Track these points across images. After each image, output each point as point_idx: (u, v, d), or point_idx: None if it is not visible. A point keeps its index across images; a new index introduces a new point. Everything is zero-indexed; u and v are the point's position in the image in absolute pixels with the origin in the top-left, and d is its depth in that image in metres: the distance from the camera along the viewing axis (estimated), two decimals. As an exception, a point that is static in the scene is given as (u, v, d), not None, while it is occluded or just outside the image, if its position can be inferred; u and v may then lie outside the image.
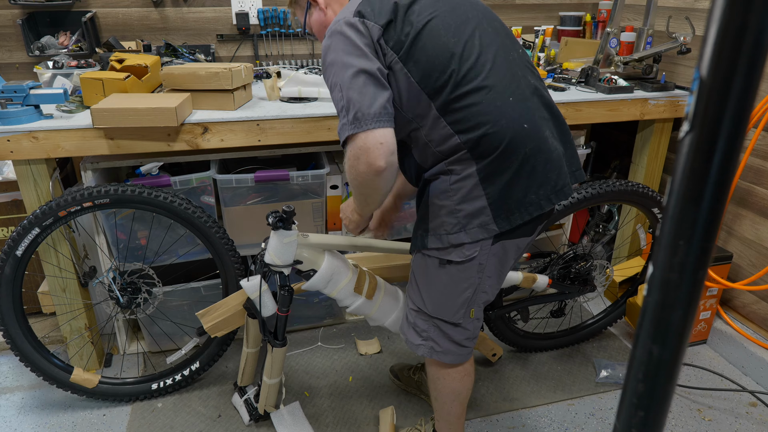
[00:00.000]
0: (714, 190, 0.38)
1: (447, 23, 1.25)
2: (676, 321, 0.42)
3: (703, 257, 0.40)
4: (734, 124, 0.36)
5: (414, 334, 1.48)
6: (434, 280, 1.38)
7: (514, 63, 1.31)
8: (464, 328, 1.43)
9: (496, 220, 1.27)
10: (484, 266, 1.35)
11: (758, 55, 0.35)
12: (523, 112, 1.26)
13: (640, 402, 0.46)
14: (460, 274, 1.34)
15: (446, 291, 1.38)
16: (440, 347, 1.45)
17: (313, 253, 1.61)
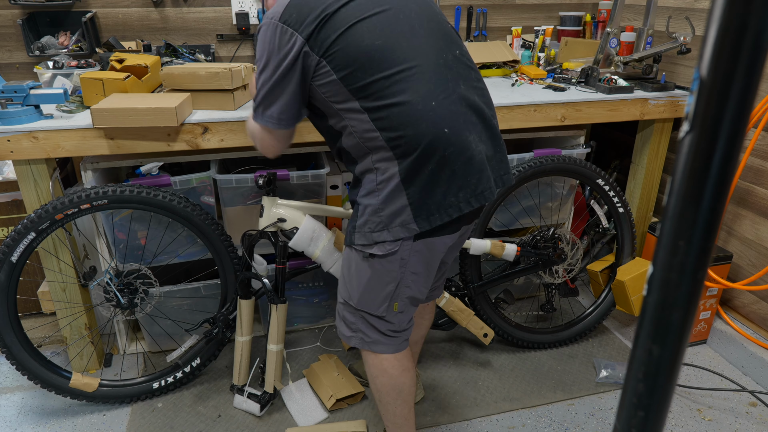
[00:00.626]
0: (714, 190, 0.38)
1: (373, 26, 1.27)
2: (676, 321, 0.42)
3: (703, 257, 0.40)
4: (734, 124, 0.36)
5: (344, 327, 1.52)
6: (359, 274, 1.42)
7: (446, 66, 1.32)
8: (388, 321, 1.46)
9: (417, 220, 1.32)
10: (407, 261, 1.38)
11: (758, 55, 0.35)
12: (446, 116, 1.28)
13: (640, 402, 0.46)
14: (383, 268, 1.38)
15: (369, 285, 1.41)
16: (369, 338, 1.49)
17: (294, 212, 1.82)
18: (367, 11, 1.28)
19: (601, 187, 2.23)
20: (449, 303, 2.06)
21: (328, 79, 1.29)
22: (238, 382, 1.97)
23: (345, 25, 1.26)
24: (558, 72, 2.48)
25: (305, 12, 1.27)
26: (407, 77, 1.26)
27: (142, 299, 1.97)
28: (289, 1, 1.30)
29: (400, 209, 1.31)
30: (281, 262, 1.85)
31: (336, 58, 1.27)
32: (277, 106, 1.35)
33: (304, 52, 1.27)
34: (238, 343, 1.94)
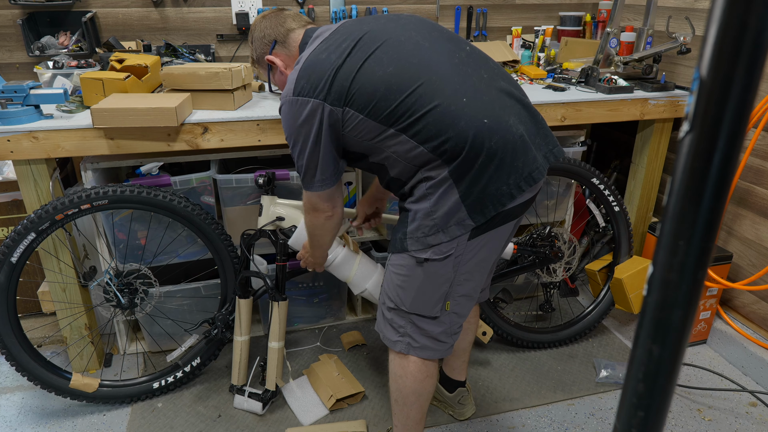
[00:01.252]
0: (714, 190, 0.38)
1: (380, 58, 1.31)
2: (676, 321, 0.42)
3: (703, 257, 0.40)
4: (734, 124, 0.36)
5: (391, 331, 1.51)
6: (413, 278, 1.42)
7: (462, 63, 1.36)
8: (441, 321, 1.47)
9: (471, 215, 1.33)
10: (461, 260, 1.39)
11: (758, 55, 0.35)
12: (481, 107, 1.30)
13: (640, 402, 0.46)
14: (438, 270, 1.39)
15: (424, 287, 1.42)
16: (417, 343, 1.49)
17: (293, 211, 1.86)
18: (370, 49, 1.32)
19: (596, 186, 2.23)
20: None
21: (357, 121, 1.33)
22: (238, 382, 1.97)
23: (355, 69, 1.31)
24: (558, 72, 2.48)
25: (315, 78, 1.32)
26: (429, 87, 1.29)
27: (142, 299, 1.97)
28: (297, 75, 1.34)
29: (454, 208, 1.32)
30: (281, 259, 1.87)
31: (357, 100, 1.31)
32: (319, 169, 1.39)
33: (328, 111, 1.31)
34: (237, 342, 1.95)
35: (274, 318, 1.88)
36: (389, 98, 1.30)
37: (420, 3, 2.83)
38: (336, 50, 1.33)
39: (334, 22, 2.72)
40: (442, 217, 1.33)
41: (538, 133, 1.40)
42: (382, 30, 1.37)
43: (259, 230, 1.86)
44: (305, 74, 1.33)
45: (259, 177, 1.87)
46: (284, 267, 1.89)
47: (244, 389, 1.96)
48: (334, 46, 1.34)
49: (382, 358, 2.24)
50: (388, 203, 2.22)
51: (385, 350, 2.30)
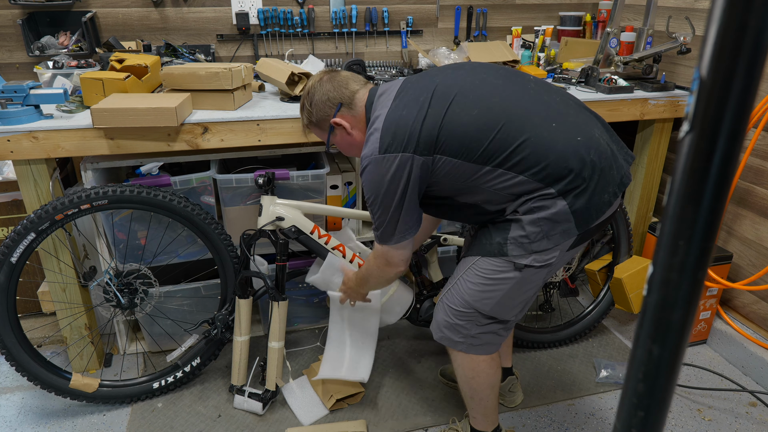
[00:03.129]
0: (714, 190, 0.38)
1: (462, 104, 1.36)
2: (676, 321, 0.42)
3: (703, 257, 0.40)
4: (734, 124, 0.36)
5: (454, 333, 1.55)
6: (502, 283, 1.44)
7: (537, 93, 1.42)
8: (511, 324, 1.55)
9: (578, 225, 1.38)
10: (553, 266, 1.44)
11: (758, 55, 0.35)
12: (571, 128, 1.37)
13: (640, 402, 0.46)
14: (532, 277, 1.43)
15: (512, 293, 1.45)
16: (479, 340, 1.54)
17: (292, 211, 1.87)
18: (449, 98, 1.37)
19: None
20: None
21: (450, 166, 1.37)
22: (238, 382, 1.97)
23: (440, 118, 1.35)
24: (558, 72, 2.48)
25: (400, 134, 1.36)
26: (517, 121, 1.35)
27: (142, 299, 1.97)
28: (380, 134, 1.38)
29: (563, 218, 1.36)
30: (281, 259, 1.87)
31: (448, 146, 1.35)
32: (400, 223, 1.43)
33: (419, 163, 1.36)
34: (237, 342, 1.95)
35: (274, 318, 1.88)
36: (480, 139, 1.34)
37: (420, 3, 2.83)
38: (414, 104, 1.38)
39: (334, 22, 2.72)
40: (550, 226, 1.36)
41: (612, 139, 1.47)
42: (453, 78, 1.43)
43: (258, 230, 1.87)
44: (389, 132, 1.37)
45: (259, 177, 1.88)
46: (284, 267, 1.89)
47: (244, 389, 1.96)
48: (412, 100, 1.39)
49: (382, 358, 2.24)
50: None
51: (384, 350, 2.29)
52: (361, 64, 2.12)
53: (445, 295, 1.55)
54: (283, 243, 1.86)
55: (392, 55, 2.87)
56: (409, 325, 2.42)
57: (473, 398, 1.64)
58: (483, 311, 1.48)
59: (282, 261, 1.88)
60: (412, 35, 2.86)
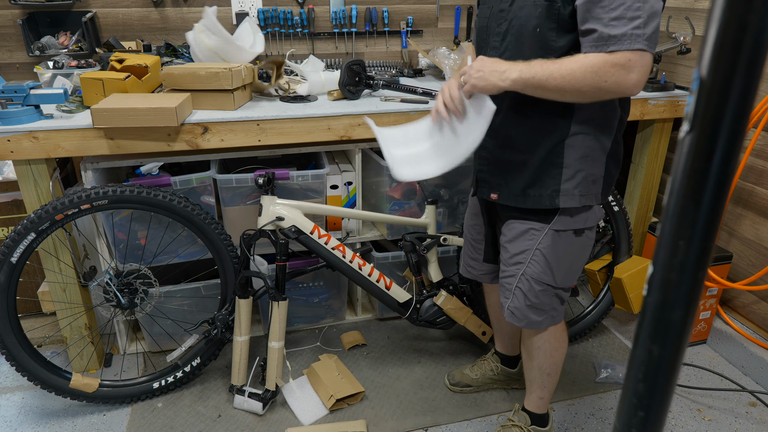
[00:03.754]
0: (714, 190, 0.38)
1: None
2: (676, 321, 0.42)
3: (703, 257, 0.40)
4: (734, 124, 0.36)
5: (534, 313, 1.57)
6: (567, 253, 1.50)
7: None
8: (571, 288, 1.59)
9: (603, 193, 1.46)
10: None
11: (758, 55, 0.35)
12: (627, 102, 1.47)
13: (640, 402, 0.46)
14: (588, 240, 1.51)
15: (576, 259, 1.53)
16: (557, 311, 1.59)
17: (292, 211, 1.87)
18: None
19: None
20: (447, 301, 2.06)
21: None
22: (238, 382, 1.97)
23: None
24: (558, 72, 2.48)
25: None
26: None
27: (142, 299, 1.97)
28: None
29: (598, 179, 1.43)
30: (281, 259, 1.87)
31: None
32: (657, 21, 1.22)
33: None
34: (237, 342, 1.95)
35: (274, 318, 1.88)
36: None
37: (420, 3, 2.83)
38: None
39: (334, 22, 2.72)
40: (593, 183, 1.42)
41: None
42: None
43: (259, 230, 1.86)
44: None
45: (259, 177, 1.88)
46: (284, 267, 1.89)
47: (244, 389, 1.96)
48: None
49: (382, 358, 2.24)
50: (388, 204, 2.23)
51: (384, 350, 2.30)
52: (361, 64, 2.12)
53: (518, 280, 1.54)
54: (283, 243, 1.86)
55: (392, 55, 2.87)
56: (409, 325, 2.42)
57: (550, 375, 1.69)
58: (554, 283, 1.53)
59: (282, 261, 1.88)
60: (412, 35, 2.86)
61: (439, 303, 2.06)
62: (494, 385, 2.07)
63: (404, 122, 2.05)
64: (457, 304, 2.08)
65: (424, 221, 2.12)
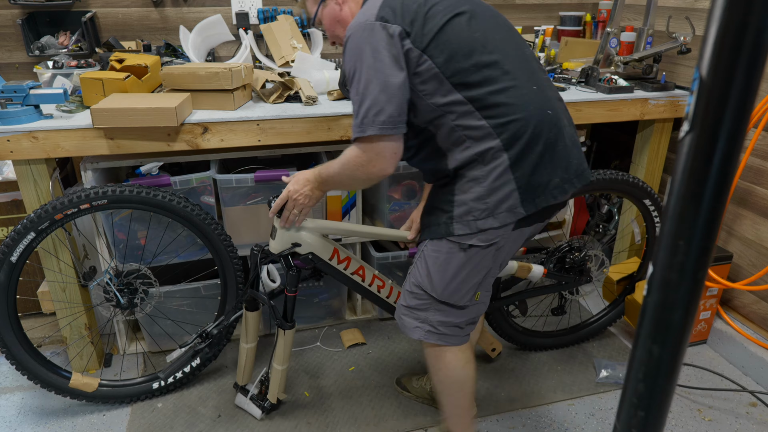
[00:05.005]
0: (714, 190, 0.38)
1: (467, 21, 1.32)
2: (676, 321, 0.42)
3: (703, 257, 0.40)
4: (734, 124, 0.36)
5: (411, 319, 1.51)
6: (450, 265, 1.41)
7: (530, 58, 1.41)
8: (469, 311, 1.48)
9: (524, 203, 1.33)
10: (501, 249, 1.41)
11: (758, 55, 0.35)
12: (545, 100, 1.35)
13: (640, 402, 0.46)
14: (479, 258, 1.39)
15: (461, 275, 1.41)
16: (439, 330, 1.49)
17: (310, 236, 1.68)
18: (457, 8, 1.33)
19: (646, 207, 2.15)
20: None
21: (430, 74, 1.30)
22: (242, 382, 1.97)
23: (443, 20, 1.30)
24: (558, 72, 2.48)
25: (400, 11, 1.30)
26: (508, 64, 1.32)
27: (142, 299, 1.97)
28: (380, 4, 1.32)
29: (508, 194, 1.32)
30: (291, 290, 1.73)
31: (437, 51, 1.28)
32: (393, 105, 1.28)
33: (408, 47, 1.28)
34: (243, 349, 1.91)
35: (279, 343, 1.80)
36: (468, 59, 1.29)
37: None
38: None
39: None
40: (495, 203, 1.32)
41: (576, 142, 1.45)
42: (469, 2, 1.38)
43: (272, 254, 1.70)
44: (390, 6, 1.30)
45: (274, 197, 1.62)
46: (294, 299, 1.75)
47: (248, 389, 1.95)
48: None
49: (382, 358, 2.24)
50: (388, 204, 2.22)
51: (384, 350, 2.30)
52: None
53: (406, 281, 1.53)
54: (294, 276, 1.69)
55: (392, 55, 2.87)
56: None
57: (443, 393, 1.60)
58: (435, 294, 1.44)
59: (292, 293, 1.73)
60: (412, 35, 2.85)
61: None
62: (432, 403, 1.96)
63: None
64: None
65: None
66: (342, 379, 2.13)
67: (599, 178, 2.01)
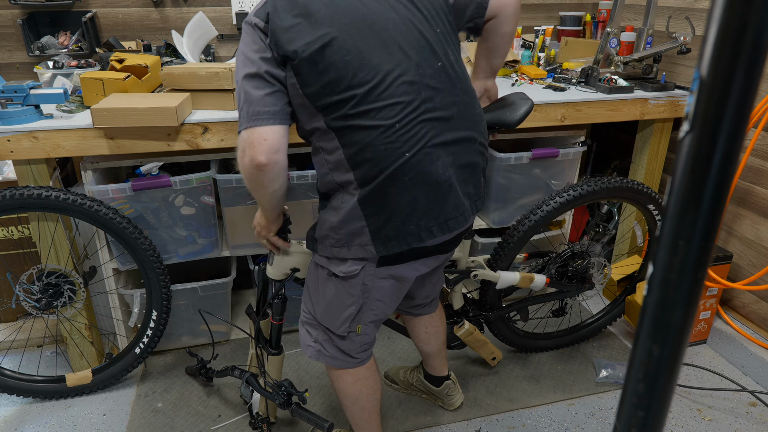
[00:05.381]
0: (714, 190, 0.38)
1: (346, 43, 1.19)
2: (676, 321, 0.42)
3: (703, 257, 0.40)
4: (734, 124, 0.36)
5: (306, 335, 1.51)
6: (322, 290, 1.40)
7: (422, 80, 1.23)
8: (351, 340, 1.44)
9: (375, 243, 1.26)
10: (370, 288, 1.35)
11: (758, 55, 0.35)
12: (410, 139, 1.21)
13: (640, 402, 0.46)
14: (344, 289, 1.36)
15: (332, 302, 1.39)
16: (328, 352, 1.48)
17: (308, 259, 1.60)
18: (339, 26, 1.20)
19: (650, 212, 2.13)
20: (467, 333, 1.99)
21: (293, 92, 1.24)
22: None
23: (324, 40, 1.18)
24: (558, 72, 2.48)
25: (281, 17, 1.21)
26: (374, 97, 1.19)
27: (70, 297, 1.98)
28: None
29: (359, 230, 1.26)
30: (277, 318, 1.66)
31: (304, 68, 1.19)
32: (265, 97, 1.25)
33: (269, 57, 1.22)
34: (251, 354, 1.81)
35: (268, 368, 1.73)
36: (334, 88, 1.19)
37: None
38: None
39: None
40: (347, 235, 1.28)
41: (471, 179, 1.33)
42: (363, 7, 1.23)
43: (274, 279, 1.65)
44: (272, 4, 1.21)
45: None
46: (279, 327, 1.69)
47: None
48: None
49: (382, 359, 2.24)
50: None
51: (385, 350, 2.30)
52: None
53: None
54: (279, 304, 1.63)
55: (392, 55, 2.87)
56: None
57: (343, 404, 1.59)
58: (316, 316, 1.44)
59: (278, 321, 1.66)
60: (412, 35, 2.85)
61: (459, 334, 1.98)
62: (421, 394, 2.02)
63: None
64: (477, 336, 2.02)
65: (456, 255, 1.90)
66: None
67: (602, 186, 1.96)
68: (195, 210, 2.05)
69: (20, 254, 2.20)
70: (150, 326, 2.01)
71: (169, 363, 2.20)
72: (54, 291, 1.93)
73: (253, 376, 1.77)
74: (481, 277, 1.92)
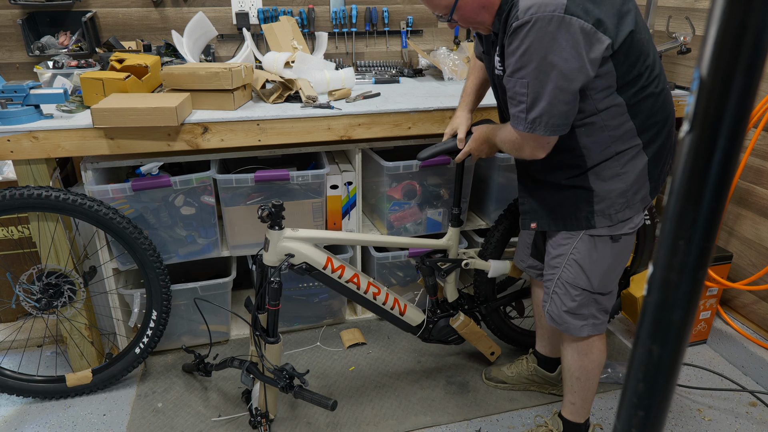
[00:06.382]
0: (714, 190, 0.38)
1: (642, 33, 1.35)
2: (676, 321, 0.42)
3: (703, 257, 0.40)
4: (734, 124, 0.36)
5: (575, 318, 1.59)
6: (602, 257, 1.51)
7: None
8: (612, 294, 1.59)
9: (651, 194, 1.49)
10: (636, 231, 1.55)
11: (758, 55, 0.35)
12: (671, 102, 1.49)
13: (640, 402, 0.46)
14: (626, 244, 1.53)
15: (613, 264, 1.53)
16: (599, 320, 1.60)
17: (302, 246, 1.67)
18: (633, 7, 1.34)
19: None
20: (463, 324, 2.00)
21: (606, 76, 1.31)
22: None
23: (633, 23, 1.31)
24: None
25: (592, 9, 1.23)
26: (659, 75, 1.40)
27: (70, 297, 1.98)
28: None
29: (644, 187, 1.46)
30: (273, 304, 1.65)
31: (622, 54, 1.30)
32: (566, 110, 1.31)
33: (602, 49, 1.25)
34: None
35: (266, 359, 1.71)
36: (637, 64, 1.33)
37: (420, 3, 2.83)
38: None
39: (334, 22, 2.72)
40: (633, 195, 1.45)
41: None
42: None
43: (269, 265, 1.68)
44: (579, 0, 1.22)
45: (262, 209, 1.60)
46: (276, 312, 1.68)
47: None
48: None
49: (382, 358, 2.24)
50: (388, 204, 2.22)
51: (384, 350, 2.30)
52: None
53: (555, 284, 1.58)
54: (276, 288, 1.62)
55: (392, 55, 2.87)
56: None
57: (580, 379, 1.67)
58: (591, 288, 1.54)
59: (274, 306, 1.65)
60: (412, 35, 2.86)
61: (455, 326, 1.99)
62: (530, 386, 2.06)
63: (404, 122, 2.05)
64: (473, 328, 2.03)
65: (446, 244, 1.94)
66: (342, 379, 2.13)
67: None
68: (195, 210, 2.05)
69: (20, 254, 2.20)
70: (150, 326, 2.01)
71: (169, 363, 2.20)
72: (54, 291, 1.94)
73: (254, 365, 1.78)
74: (473, 265, 1.97)
